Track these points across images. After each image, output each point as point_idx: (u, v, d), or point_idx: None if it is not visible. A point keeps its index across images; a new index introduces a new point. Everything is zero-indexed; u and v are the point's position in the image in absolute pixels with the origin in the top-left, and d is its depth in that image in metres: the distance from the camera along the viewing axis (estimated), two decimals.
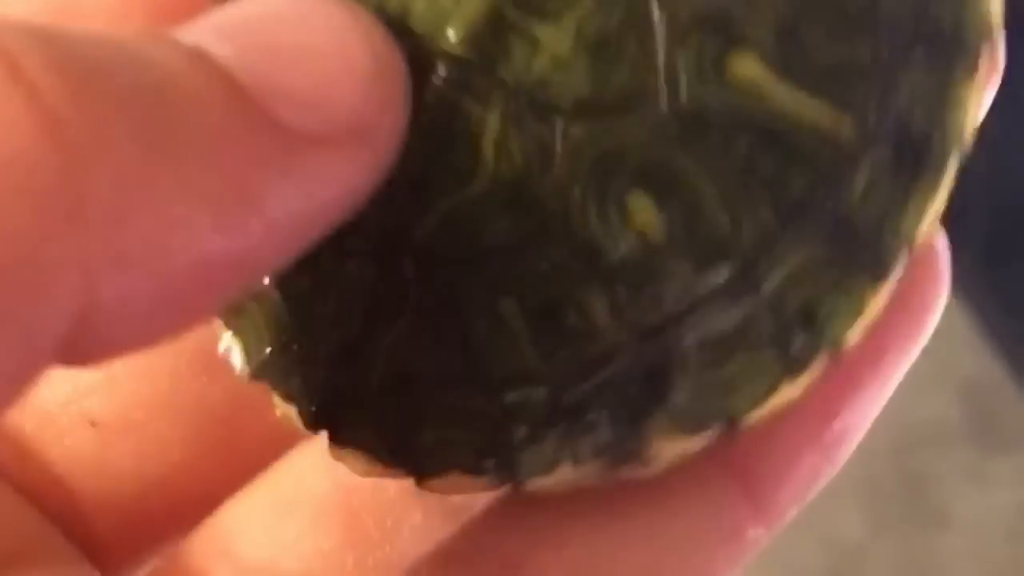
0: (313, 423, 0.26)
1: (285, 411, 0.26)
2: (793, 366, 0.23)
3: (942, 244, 0.26)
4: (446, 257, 0.23)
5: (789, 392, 0.23)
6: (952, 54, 0.23)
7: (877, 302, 0.23)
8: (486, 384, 0.23)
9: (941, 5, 0.23)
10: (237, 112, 0.19)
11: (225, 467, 0.28)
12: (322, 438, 0.26)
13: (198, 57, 0.19)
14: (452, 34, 0.22)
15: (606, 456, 0.23)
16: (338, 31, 0.20)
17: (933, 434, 1.28)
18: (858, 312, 0.23)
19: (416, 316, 0.24)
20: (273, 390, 0.26)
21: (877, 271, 0.23)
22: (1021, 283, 1.33)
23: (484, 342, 0.23)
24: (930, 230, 0.24)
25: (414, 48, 0.22)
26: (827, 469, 0.24)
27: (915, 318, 0.25)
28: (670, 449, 0.23)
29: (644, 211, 0.23)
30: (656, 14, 0.22)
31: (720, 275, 0.23)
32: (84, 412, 0.27)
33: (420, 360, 0.24)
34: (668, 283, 0.23)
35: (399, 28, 0.22)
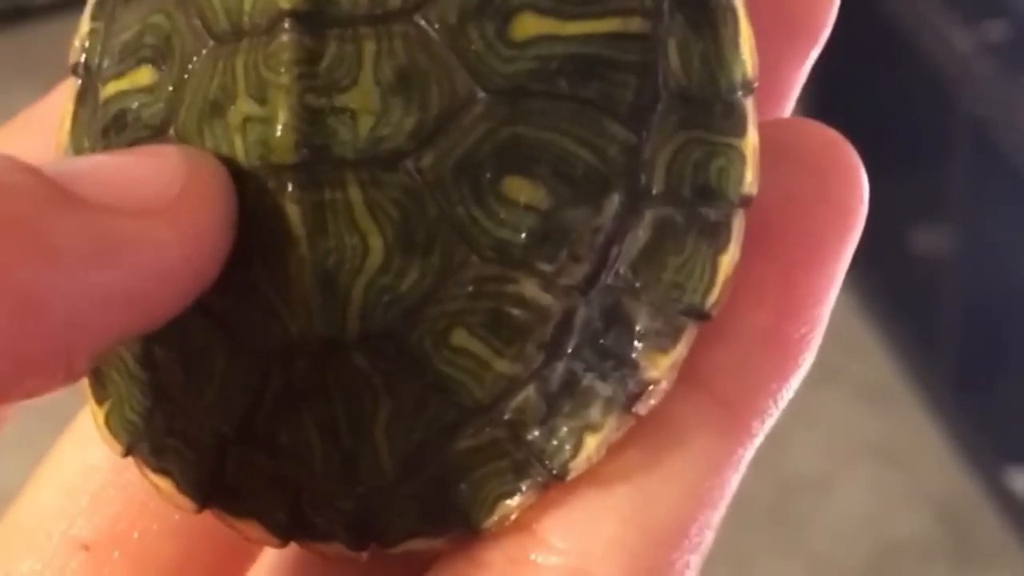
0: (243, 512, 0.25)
1: (158, 483, 0.26)
2: (719, 236, 0.24)
3: (841, 139, 0.26)
4: (380, 330, 0.24)
5: (729, 261, 0.24)
6: None
7: (752, 142, 0.24)
8: (480, 415, 0.24)
9: None
10: (46, 192, 0.22)
11: (220, 557, 0.28)
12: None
13: (22, 168, 0.22)
14: (279, 139, 0.23)
15: (617, 407, 0.23)
16: (151, 148, 0.24)
17: (911, 552, 1.29)
18: (742, 159, 0.24)
19: (385, 395, 0.24)
20: (145, 464, 0.26)
21: (734, 118, 0.24)
22: (995, 402, 1.36)
23: (455, 381, 0.24)
24: (755, 56, 0.24)
25: (262, 178, 0.23)
26: (792, 369, 0.25)
27: (841, 206, 0.25)
28: (665, 365, 0.23)
29: (521, 190, 0.23)
30: (428, 27, 0.23)
31: (614, 200, 0.24)
32: (74, 538, 0.28)
33: (413, 430, 0.24)
34: (577, 234, 0.23)
35: (241, 167, 0.24)
